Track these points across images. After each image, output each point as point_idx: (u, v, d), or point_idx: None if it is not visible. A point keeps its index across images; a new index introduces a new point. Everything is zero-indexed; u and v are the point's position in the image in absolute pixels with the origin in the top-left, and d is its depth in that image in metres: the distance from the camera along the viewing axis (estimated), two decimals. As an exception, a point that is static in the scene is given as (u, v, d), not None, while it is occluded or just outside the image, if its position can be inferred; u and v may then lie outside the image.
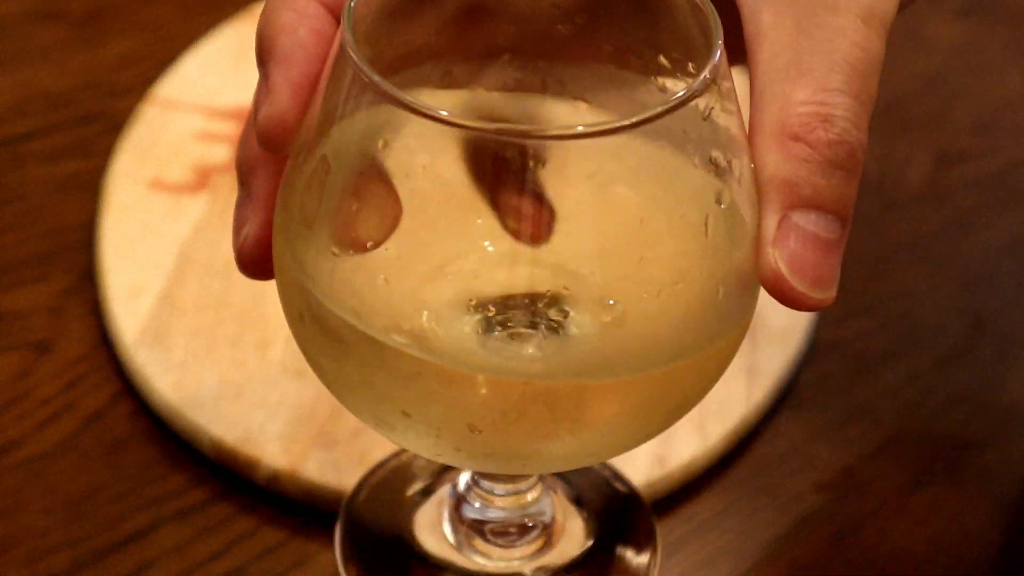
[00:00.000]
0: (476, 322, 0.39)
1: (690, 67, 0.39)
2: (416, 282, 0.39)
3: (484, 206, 0.39)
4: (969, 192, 0.67)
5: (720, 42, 0.37)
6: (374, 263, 0.38)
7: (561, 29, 0.41)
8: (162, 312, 0.57)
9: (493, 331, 0.39)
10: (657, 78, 0.41)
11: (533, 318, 0.39)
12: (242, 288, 0.58)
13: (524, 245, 0.38)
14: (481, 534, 0.48)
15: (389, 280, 0.38)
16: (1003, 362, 0.59)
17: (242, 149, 0.41)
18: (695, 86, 0.36)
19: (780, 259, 0.37)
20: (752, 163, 0.37)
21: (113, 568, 0.50)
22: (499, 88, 0.42)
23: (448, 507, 0.48)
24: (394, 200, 0.38)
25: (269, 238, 0.40)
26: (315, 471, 0.51)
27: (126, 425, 0.54)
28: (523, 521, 0.48)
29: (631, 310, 0.38)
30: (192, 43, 0.69)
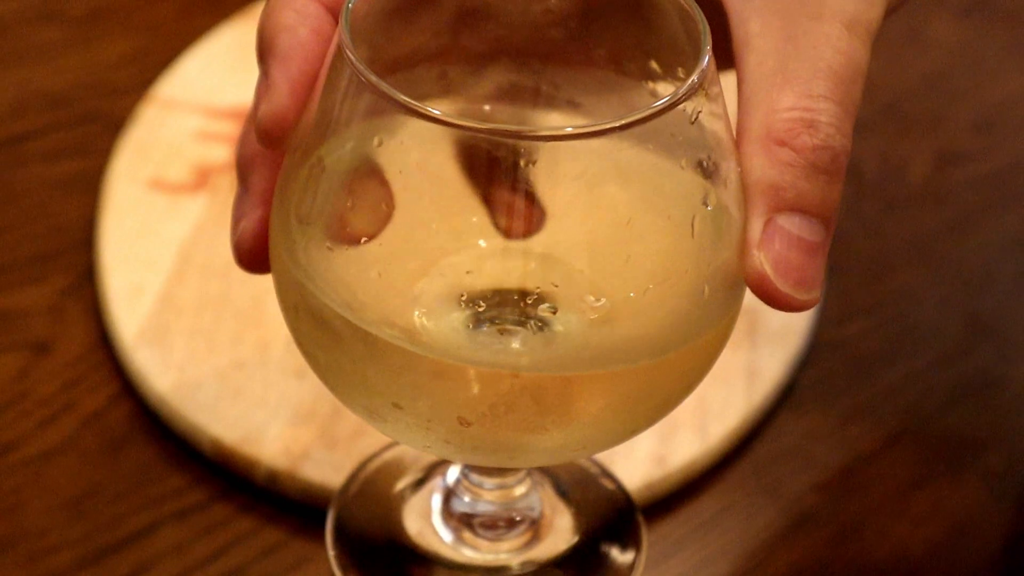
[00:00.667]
0: (466, 317, 0.40)
1: (679, 72, 0.40)
2: (408, 277, 0.40)
3: (476, 204, 0.39)
4: (969, 192, 0.67)
5: (708, 48, 0.37)
6: (367, 257, 0.39)
7: (555, 33, 0.42)
8: (162, 312, 0.57)
9: (482, 326, 0.40)
10: (649, 82, 0.41)
11: (522, 314, 0.40)
12: (242, 288, 0.58)
13: (514, 242, 0.39)
14: (470, 527, 0.48)
15: (381, 274, 0.39)
16: (1003, 362, 0.59)
17: (241, 146, 0.42)
18: (683, 90, 0.36)
19: (765, 261, 0.38)
20: (739, 166, 0.38)
21: (113, 568, 0.50)
22: (493, 90, 0.43)
23: (438, 500, 0.49)
24: (388, 197, 0.39)
25: (266, 233, 0.41)
26: (315, 471, 0.51)
27: (126, 425, 0.54)
28: (511, 515, 0.48)
29: (618, 307, 0.39)
30: (191, 43, 0.69)
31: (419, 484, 0.50)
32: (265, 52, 0.39)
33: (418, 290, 0.40)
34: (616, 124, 0.35)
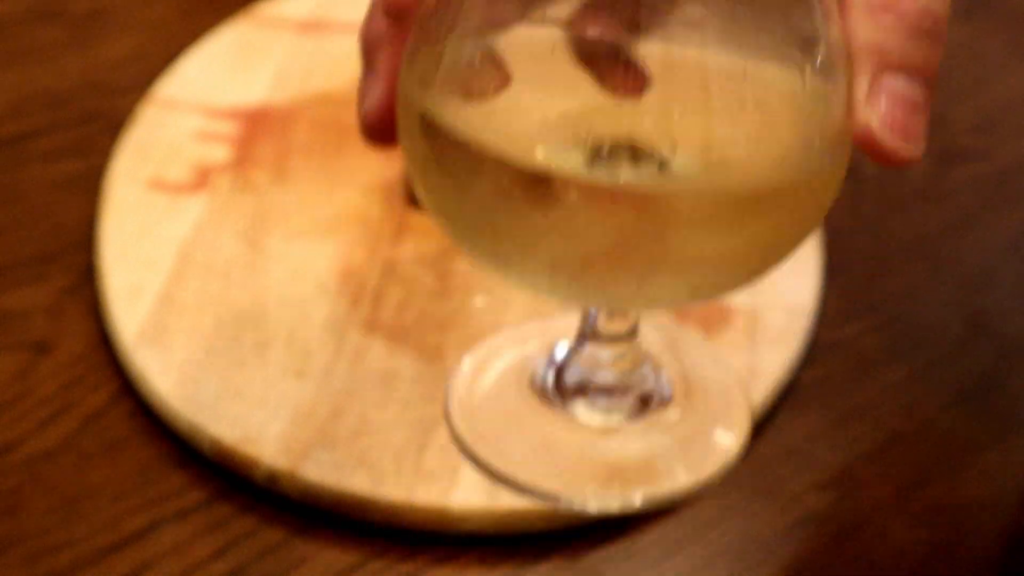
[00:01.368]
0: (588, 158, 0.43)
1: None
2: (532, 124, 0.43)
3: (587, 72, 0.42)
4: (969, 192, 0.67)
5: None
6: (492, 109, 0.42)
7: None
8: (162, 312, 0.57)
9: (603, 163, 0.43)
10: None
11: (640, 156, 0.43)
12: (241, 288, 0.58)
13: (628, 100, 0.42)
14: (582, 396, 0.50)
15: (507, 122, 0.42)
16: (1003, 362, 0.59)
17: (366, 29, 0.45)
18: None
19: (873, 116, 0.41)
20: (843, 31, 0.41)
21: (113, 568, 0.50)
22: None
23: (551, 374, 0.51)
24: (506, 62, 0.42)
25: (392, 105, 0.44)
26: (314, 471, 0.52)
27: (125, 425, 0.54)
28: (623, 385, 0.50)
29: (732, 151, 0.42)
30: (192, 43, 0.70)
31: (530, 361, 0.52)
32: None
33: (542, 135, 0.42)
34: None
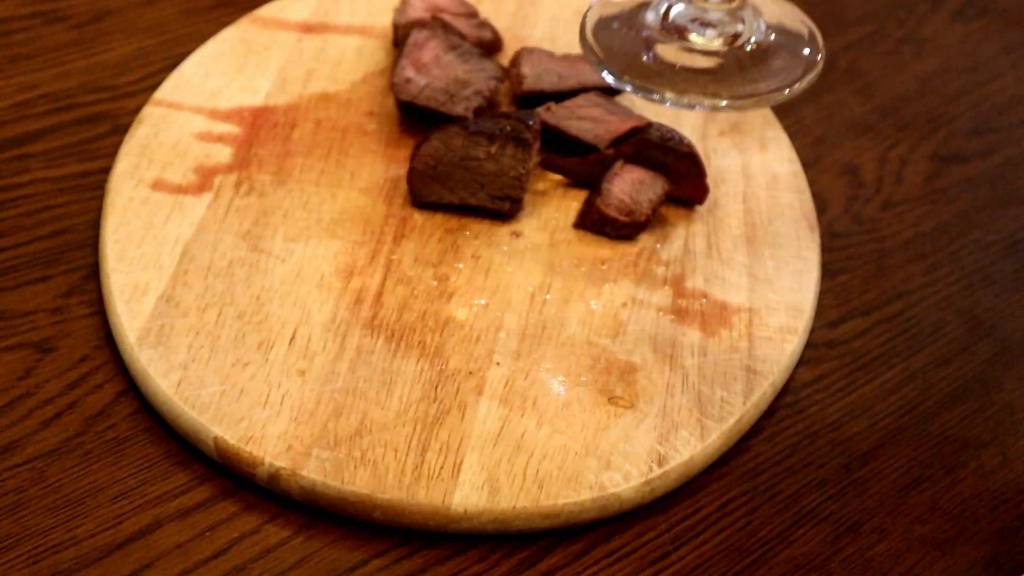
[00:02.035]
0: None
1: None
2: None
3: None
4: (968, 192, 0.67)
5: None
6: None
7: None
8: (165, 312, 0.57)
9: None
10: None
11: None
12: (244, 289, 0.58)
13: None
14: (691, 28, 0.60)
15: None
16: (1001, 362, 0.59)
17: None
18: None
19: None
20: None
21: (115, 566, 0.50)
22: None
23: (659, 15, 0.61)
24: None
25: None
26: (316, 470, 0.52)
27: (128, 424, 0.54)
28: (721, 21, 0.61)
29: None
30: (195, 45, 0.70)
31: (642, 7, 0.62)
32: None
33: None
34: None
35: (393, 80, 0.66)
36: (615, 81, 0.60)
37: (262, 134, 0.65)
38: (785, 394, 0.57)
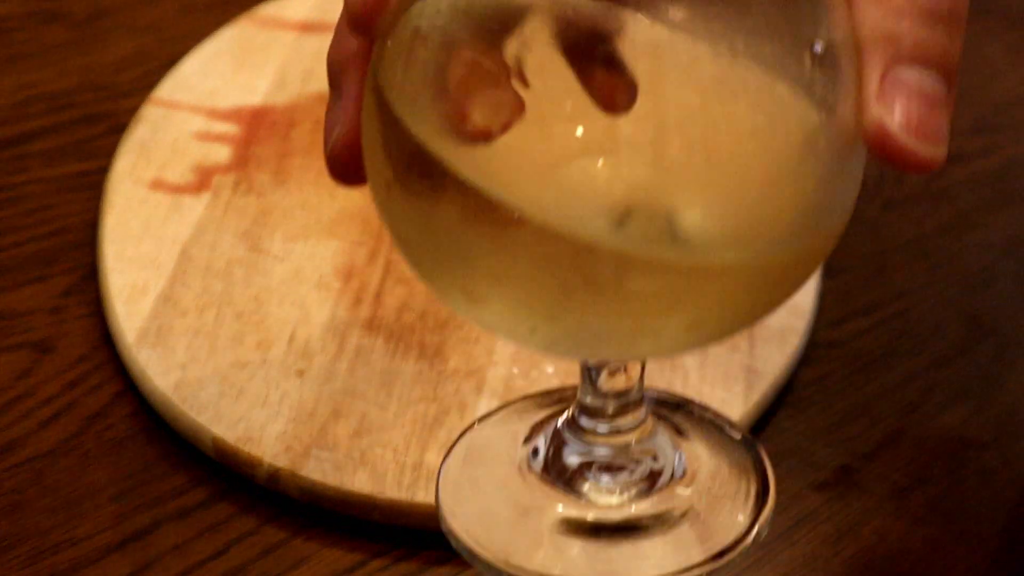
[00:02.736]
0: (575, 187, 0.38)
1: None
2: (534, 167, 0.38)
3: (572, 82, 0.37)
4: (968, 192, 0.67)
5: None
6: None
7: None
8: (163, 312, 0.57)
9: (592, 201, 0.38)
10: None
11: (631, 188, 0.38)
12: (243, 288, 0.58)
13: (617, 117, 0.37)
14: (584, 476, 0.46)
15: (512, 160, 0.37)
16: (1002, 362, 0.59)
17: (333, 50, 0.40)
18: None
19: (884, 113, 0.35)
20: (849, 24, 0.37)
21: (114, 567, 0.50)
22: None
23: (546, 453, 0.47)
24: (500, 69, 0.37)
25: (358, 136, 0.40)
26: (316, 471, 0.52)
27: (127, 425, 0.54)
28: (627, 461, 0.46)
29: (742, 201, 0.37)
30: (193, 44, 0.70)
31: (525, 441, 0.48)
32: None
33: (519, 155, 0.38)
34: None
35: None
36: None
37: (261, 133, 0.65)
38: (785, 394, 0.57)
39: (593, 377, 0.45)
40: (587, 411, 0.46)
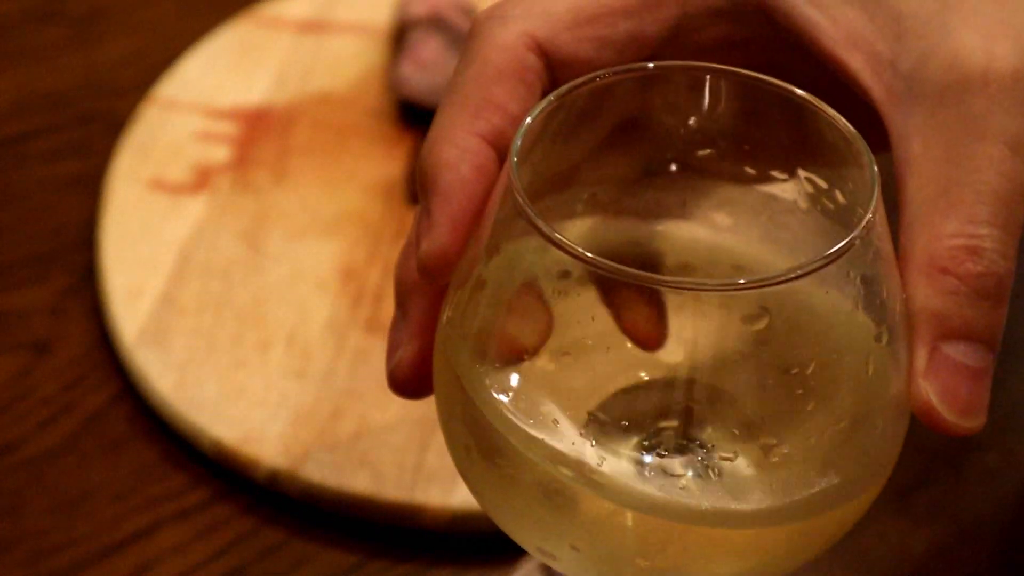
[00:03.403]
0: (633, 449, 0.39)
1: (838, 196, 0.39)
2: (574, 405, 0.39)
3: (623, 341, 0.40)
4: (969, 192, 0.67)
5: (876, 195, 0.37)
6: (534, 388, 0.38)
7: (705, 150, 0.42)
8: (162, 312, 0.57)
9: (649, 458, 0.39)
10: (800, 202, 0.41)
11: (685, 445, 0.39)
12: (242, 289, 0.58)
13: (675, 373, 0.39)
14: None
15: (550, 401, 0.38)
16: (1003, 362, 0.59)
17: (400, 270, 0.41)
18: (842, 245, 0.35)
19: (932, 391, 0.38)
20: (903, 294, 0.38)
21: (113, 568, 0.50)
22: (640, 207, 0.43)
23: None
24: (546, 316, 0.39)
25: (423, 361, 0.41)
26: (315, 471, 0.52)
27: (126, 425, 0.54)
28: None
29: (786, 448, 0.38)
30: (192, 43, 0.69)
31: None
32: (427, 189, 0.39)
33: (584, 421, 0.39)
34: (765, 281, 0.35)
35: (393, 78, 0.65)
36: None
37: (260, 133, 0.65)
38: (787, 395, 0.57)
39: None
40: None
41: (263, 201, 0.62)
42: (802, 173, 0.40)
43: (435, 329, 0.39)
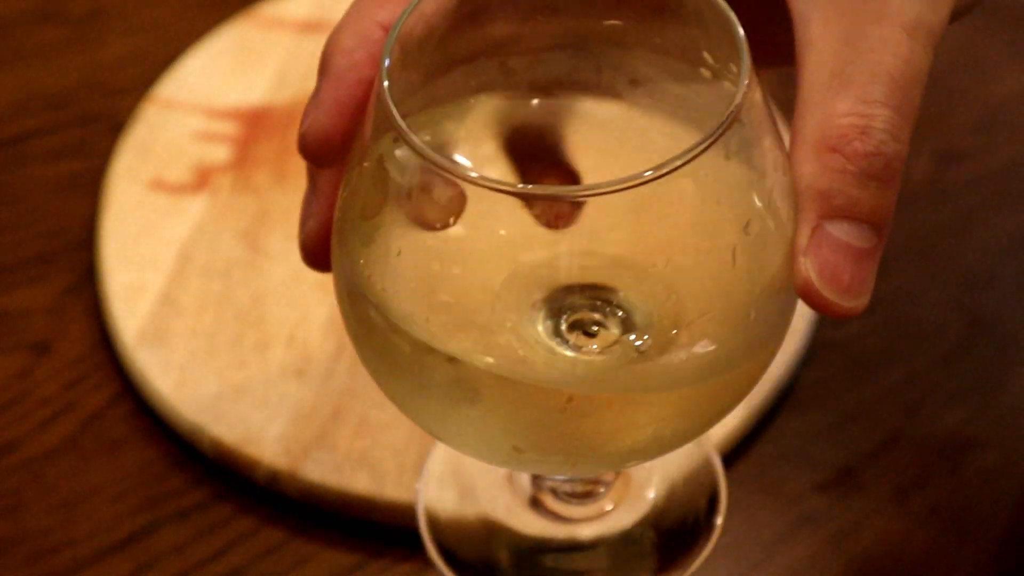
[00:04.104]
0: (538, 310, 0.40)
1: (731, 68, 0.39)
2: (478, 278, 0.40)
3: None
4: (969, 191, 0.67)
5: (746, 77, 0.37)
6: (436, 254, 0.39)
7: (614, 22, 0.42)
8: (162, 312, 0.57)
9: (556, 320, 0.40)
10: (704, 70, 0.41)
11: (590, 310, 0.40)
12: (242, 289, 0.58)
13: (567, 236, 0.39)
14: (550, 493, 0.50)
15: (454, 280, 0.39)
16: (1003, 362, 0.59)
17: (312, 129, 0.42)
18: (718, 130, 0.36)
19: (811, 268, 0.37)
20: (790, 172, 0.38)
21: (113, 568, 0.50)
22: (552, 77, 0.43)
23: (517, 477, 0.50)
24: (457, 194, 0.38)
25: (330, 230, 0.41)
26: (315, 471, 0.52)
27: (126, 425, 0.54)
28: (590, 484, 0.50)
29: (694, 322, 0.39)
30: (192, 43, 0.69)
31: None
32: (320, 70, 0.40)
33: (489, 291, 0.39)
34: (653, 174, 0.35)
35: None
36: None
37: (260, 133, 0.65)
38: (787, 395, 0.57)
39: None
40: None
41: (263, 201, 0.62)
42: (703, 47, 0.41)
43: None
